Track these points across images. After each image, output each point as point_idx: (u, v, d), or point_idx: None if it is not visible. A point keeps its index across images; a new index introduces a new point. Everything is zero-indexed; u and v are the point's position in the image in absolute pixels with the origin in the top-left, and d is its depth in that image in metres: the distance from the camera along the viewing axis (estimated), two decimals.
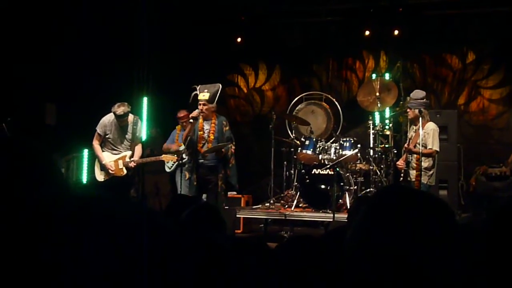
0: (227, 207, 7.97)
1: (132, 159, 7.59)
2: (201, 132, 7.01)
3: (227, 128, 7.11)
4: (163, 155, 7.84)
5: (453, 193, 8.82)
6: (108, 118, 7.65)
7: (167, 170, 8.42)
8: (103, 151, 7.68)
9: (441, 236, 1.08)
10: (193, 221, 2.68)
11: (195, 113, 6.98)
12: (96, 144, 7.68)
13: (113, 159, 7.63)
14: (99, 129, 7.64)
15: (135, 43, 10.39)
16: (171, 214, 3.39)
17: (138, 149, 7.70)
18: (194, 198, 6.16)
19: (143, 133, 7.84)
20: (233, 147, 7.12)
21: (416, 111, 7.07)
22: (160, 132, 9.45)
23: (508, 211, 1.43)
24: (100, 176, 7.73)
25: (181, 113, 8.70)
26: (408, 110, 7.27)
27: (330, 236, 2.03)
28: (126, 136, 7.68)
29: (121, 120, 7.55)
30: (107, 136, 7.64)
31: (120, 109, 7.50)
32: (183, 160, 7.31)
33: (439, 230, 1.08)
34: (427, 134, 7.12)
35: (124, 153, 7.65)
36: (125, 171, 7.59)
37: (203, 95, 6.95)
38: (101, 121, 7.66)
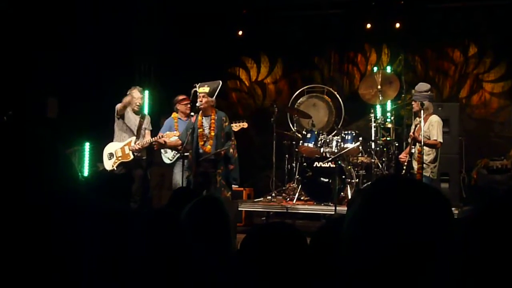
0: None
1: (137, 142, 7.86)
2: (201, 130, 6.99)
3: (227, 123, 7.08)
4: (166, 132, 7.79)
5: (455, 186, 8.81)
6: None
7: (167, 161, 8.20)
8: (111, 141, 7.99)
9: (437, 226, 1.08)
10: (196, 214, 2.68)
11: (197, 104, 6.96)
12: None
13: (119, 147, 7.91)
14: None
15: (136, 37, 10.42)
16: (173, 207, 3.40)
17: (148, 134, 8.01)
18: (196, 191, 6.16)
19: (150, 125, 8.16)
20: (233, 143, 7.08)
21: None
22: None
23: (503, 203, 1.44)
24: (109, 164, 7.94)
25: (181, 97, 8.28)
26: (412, 102, 7.28)
27: (325, 228, 2.03)
28: (135, 126, 7.93)
29: (137, 96, 7.90)
30: (122, 119, 7.90)
31: (136, 87, 8.06)
32: (185, 153, 7.24)
33: (436, 220, 1.09)
34: (431, 126, 7.16)
35: (129, 139, 7.89)
36: (131, 156, 7.84)
37: (203, 89, 6.96)
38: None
